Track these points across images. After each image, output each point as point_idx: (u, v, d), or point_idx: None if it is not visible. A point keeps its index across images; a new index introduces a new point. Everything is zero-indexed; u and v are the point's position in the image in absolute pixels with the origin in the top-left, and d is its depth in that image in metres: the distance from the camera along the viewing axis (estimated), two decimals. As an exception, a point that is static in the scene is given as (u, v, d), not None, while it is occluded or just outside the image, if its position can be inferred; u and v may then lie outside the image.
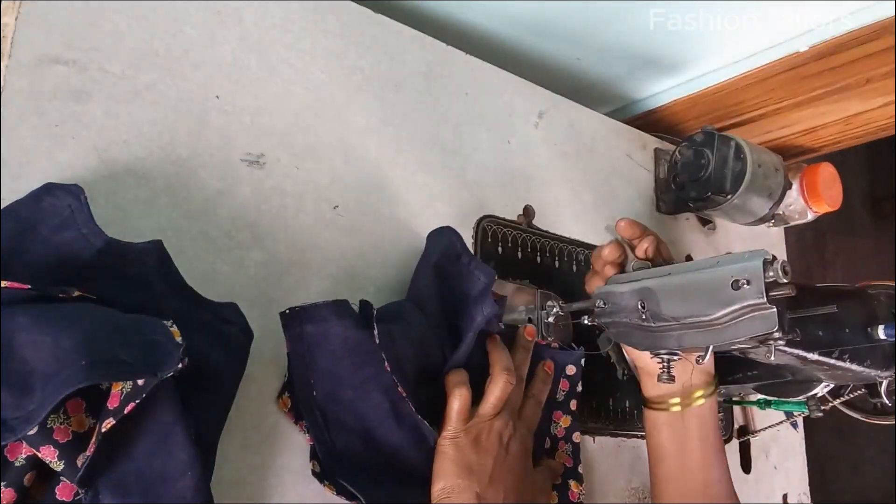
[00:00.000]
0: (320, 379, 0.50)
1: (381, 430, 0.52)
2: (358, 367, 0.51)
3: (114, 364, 0.33)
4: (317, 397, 0.51)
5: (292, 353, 0.49)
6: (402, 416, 0.52)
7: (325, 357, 0.50)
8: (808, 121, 0.90)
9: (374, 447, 0.52)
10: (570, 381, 0.64)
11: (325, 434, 0.51)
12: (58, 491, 0.36)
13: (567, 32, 0.77)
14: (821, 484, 1.90)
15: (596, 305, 0.59)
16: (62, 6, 0.45)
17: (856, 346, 0.56)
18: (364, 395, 0.51)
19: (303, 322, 0.49)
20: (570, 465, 0.62)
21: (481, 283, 0.57)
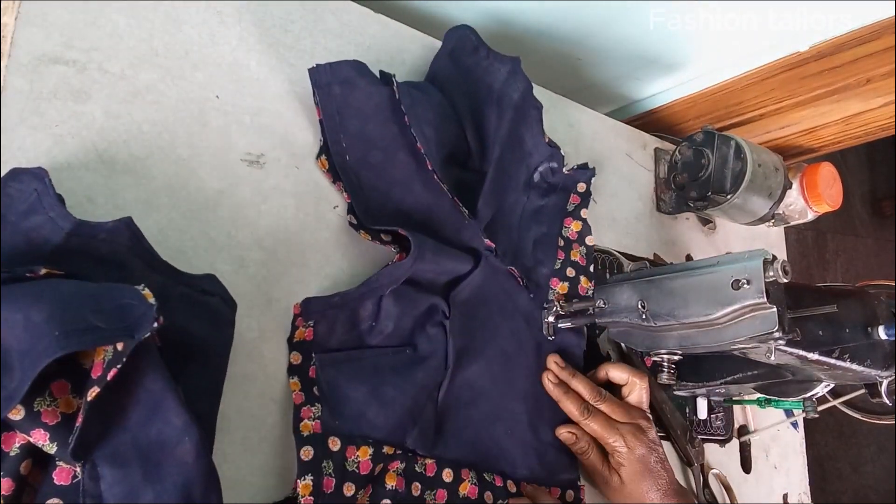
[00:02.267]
0: (351, 142, 0.54)
1: (411, 194, 0.56)
2: (383, 125, 0.54)
3: (88, 331, 0.33)
4: (350, 161, 0.54)
5: (325, 116, 0.53)
6: (429, 182, 0.55)
7: (353, 117, 0.53)
8: (808, 121, 0.90)
9: (406, 210, 0.55)
10: (580, 196, 0.70)
11: (362, 194, 0.54)
12: (55, 476, 0.36)
13: (567, 32, 0.77)
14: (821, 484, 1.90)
15: (596, 305, 0.59)
16: (62, 6, 0.45)
17: (856, 345, 0.56)
18: (392, 155, 0.55)
19: (331, 82, 0.52)
20: (583, 263, 0.68)
21: (503, 72, 0.62)
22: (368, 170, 0.54)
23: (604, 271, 0.73)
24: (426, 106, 0.56)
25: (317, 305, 0.50)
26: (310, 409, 0.48)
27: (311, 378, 0.49)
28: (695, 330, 0.52)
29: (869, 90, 0.80)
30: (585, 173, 0.70)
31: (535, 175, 0.67)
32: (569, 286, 0.66)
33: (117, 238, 0.40)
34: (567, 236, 0.68)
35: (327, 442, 0.47)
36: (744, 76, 0.80)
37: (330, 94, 0.53)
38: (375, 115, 0.54)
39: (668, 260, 0.80)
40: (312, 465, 0.45)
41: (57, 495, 0.36)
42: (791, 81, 0.80)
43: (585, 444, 0.60)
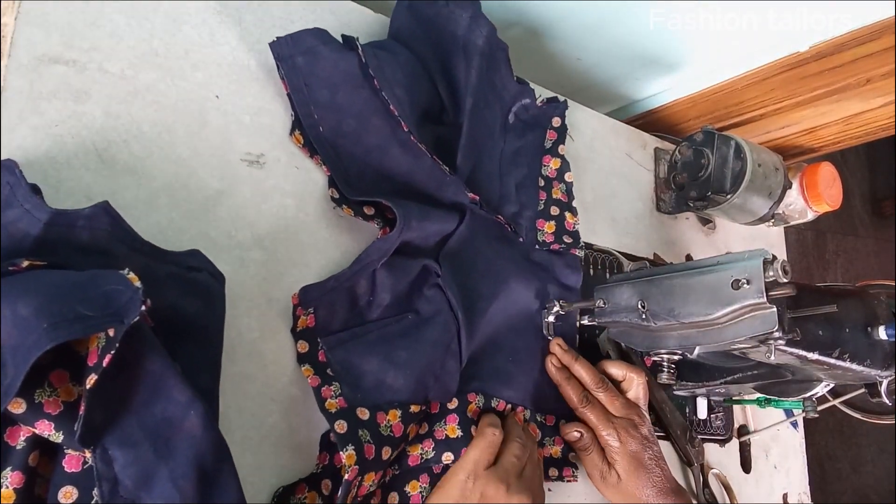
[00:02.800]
0: (323, 113, 0.53)
1: (389, 158, 0.55)
2: (353, 92, 0.53)
3: (77, 321, 0.33)
4: (324, 132, 0.54)
5: (292, 89, 0.52)
6: (406, 143, 0.55)
7: (321, 87, 0.52)
8: (808, 121, 0.90)
9: (386, 174, 0.55)
10: (556, 131, 0.70)
11: (340, 164, 0.54)
12: (66, 464, 0.36)
13: (567, 32, 0.77)
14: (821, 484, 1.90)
15: (596, 305, 0.59)
16: (62, 6, 0.45)
17: (856, 345, 0.56)
18: (365, 121, 0.54)
19: (294, 54, 0.51)
20: (565, 200, 0.69)
21: (465, 18, 0.61)
22: (343, 139, 0.54)
23: (604, 271, 0.73)
24: (394, 66, 0.56)
25: (313, 292, 0.51)
26: (329, 388, 0.49)
27: (322, 362, 0.50)
28: (695, 330, 0.52)
29: (869, 90, 0.80)
30: (558, 107, 0.70)
31: (511, 116, 0.68)
32: (555, 225, 0.67)
33: (96, 224, 0.40)
34: (546, 175, 0.69)
35: (356, 413, 0.48)
36: (744, 76, 0.80)
37: (294, 66, 0.52)
38: (344, 83, 0.53)
39: (668, 260, 0.80)
40: (350, 436, 0.46)
41: (70, 483, 0.36)
42: (791, 81, 0.80)
43: (589, 440, 0.60)
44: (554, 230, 0.67)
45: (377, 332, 0.53)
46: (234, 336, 0.48)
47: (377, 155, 0.55)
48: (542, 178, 0.68)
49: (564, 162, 0.70)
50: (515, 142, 0.68)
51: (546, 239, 0.66)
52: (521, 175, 0.67)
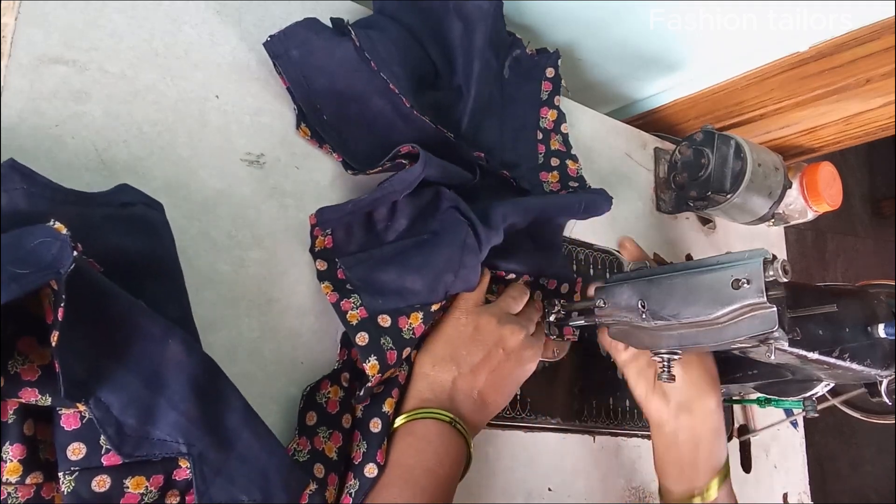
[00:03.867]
0: (324, 101, 0.54)
1: (395, 133, 0.55)
2: (351, 76, 0.54)
3: (11, 281, 0.32)
4: (328, 120, 0.55)
5: (291, 83, 0.53)
6: (409, 118, 0.55)
7: (319, 76, 0.53)
8: (808, 121, 0.90)
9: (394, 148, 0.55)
10: (551, 82, 0.71)
11: (348, 147, 0.55)
12: (64, 424, 0.36)
13: (567, 32, 0.77)
14: (821, 484, 1.90)
15: (596, 305, 0.59)
16: (62, 6, 0.45)
17: (856, 345, 0.56)
18: (367, 103, 0.55)
19: (288, 48, 0.52)
20: (564, 150, 0.69)
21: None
22: (348, 123, 0.55)
23: (604, 271, 0.73)
24: (387, 43, 0.56)
25: (331, 213, 0.52)
26: (348, 301, 0.50)
27: (341, 279, 0.52)
28: (695, 329, 0.52)
29: (869, 90, 0.80)
30: (550, 56, 0.71)
31: (505, 71, 0.68)
32: (559, 174, 0.67)
33: (9, 185, 0.38)
34: (544, 127, 0.69)
35: (377, 321, 0.50)
36: (744, 76, 0.80)
37: (290, 60, 0.53)
38: (341, 69, 0.54)
39: (668, 260, 0.80)
40: (372, 346, 0.48)
41: (74, 440, 0.36)
42: (791, 81, 0.80)
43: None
44: (559, 178, 0.67)
45: (393, 250, 0.54)
46: (235, 336, 0.48)
47: (383, 133, 0.56)
48: (540, 131, 0.69)
49: (561, 113, 0.70)
50: (512, 95, 0.68)
51: (553, 188, 0.67)
52: (519, 126, 0.68)
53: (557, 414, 0.66)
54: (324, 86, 0.54)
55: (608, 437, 0.69)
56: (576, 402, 0.68)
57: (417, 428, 0.49)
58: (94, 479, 0.36)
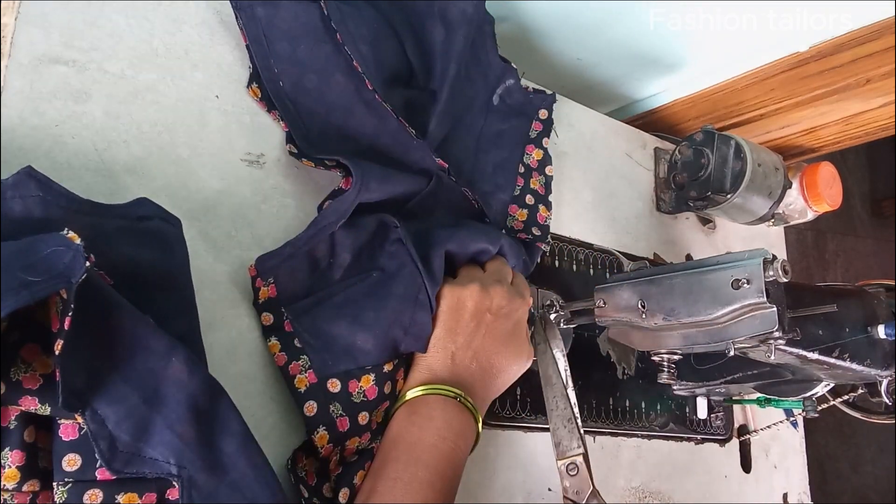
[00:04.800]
0: (284, 67, 0.51)
1: (353, 118, 0.53)
2: (315, 45, 0.51)
3: (22, 288, 0.32)
4: (284, 87, 0.51)
5: (250, 39, 0.50)
6: (371, 103, 0.52)
7: (281, 39, 0.51)
8: (808, 121, 0.90)
9: (349, 135, 0.53)
10: (542, 123, 0.69)
11: (300, 121, 0.52)
12: (62, 434, 0.36)
13: (567, 32, 0.77)
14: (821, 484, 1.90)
15: (596, 305, 0.59)
16: (62, 6, 0.45)
17: (856, 345, 0.56)
18: (327, 78, 0.52)
19: (253, 4, 0.50)
20: (542, 192, 0.67)
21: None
22: (305, 95, 0.52)
23: (604, 271, 0.73)
24: (358, 21, 0.54)
25: (270, 261, 0.49)
26: (297, 363, 0.47)
27: (289, 332, 0.49)
28: (695, 329, 0.52)
29: (869, 90, 0.80)
30: (546, 99, 0.69)
31: (495, 98, 0.67)
32: (527, 213, 0.65)
33: (25, 192, 0.38)
34: (528, 164, 0.67)
35: (327, 386, 0.47)
36: (744, 76, 0.80)
37: (253, 16, 0.50)
38: (305, 36, 0.52)
39: (668, 260, 0.80)
40: (321, 416, 0.46)
41: (70, 451, 0.36)
42: (791, 81, 0.80)
43: None
44: (525, 219, 0.65)
45: (342, 294, 0.51)
46: (235, 336, 0.48)
47: (340, 114, 0.53)
48: (522, 165, 0.67)
49: (547, 155, 0.69)
50: (498, 124, 0.66)
51: (515, 226, 0.64)
52: (501, 157, 0.66)
53: (557, 414, 0.65)
54: (285, 50, 0.51)
55: (608, 437, 0.69)
56: (576, 402, 0.67)
57: (419, 405, 0.48)
58: (86, 493, 0.36)
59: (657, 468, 0.72)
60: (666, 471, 0.72)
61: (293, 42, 0.51)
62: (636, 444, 0.71)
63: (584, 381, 0.69)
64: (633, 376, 0.72)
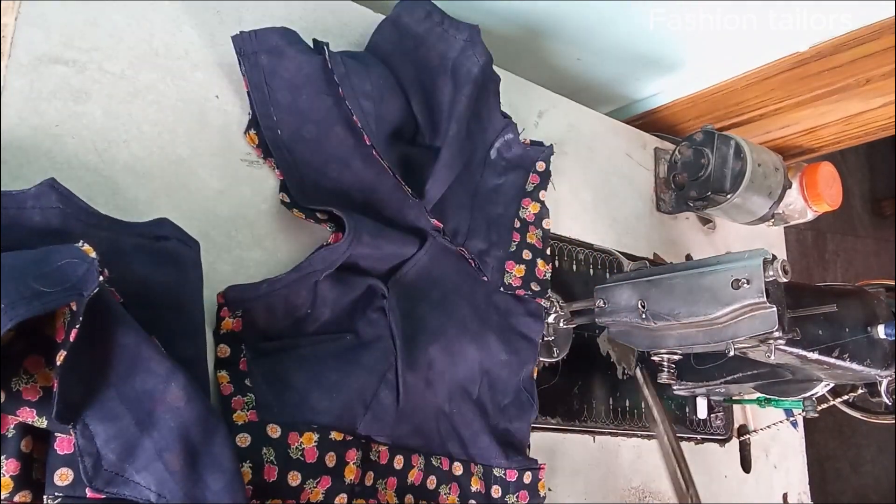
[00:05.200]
0: (283, 116, 0.51)
1: (350, 172, 0.53)
2: (316, 96, 0.51)
3: (34, 298, 0.32)
4: (282, 136, 0.51)
5: (252, 86, 0.50)
6: (369, 158, 0.52)
7: (283, 88, 0.51)
8: (808, 121, 0.90)
9: (344, 189, 0.53)
10: (539, 175, 0.68)
11: (295, 171, 0.51)
12: (57, 447, 0.36)
13: (567, 33, 0.77)
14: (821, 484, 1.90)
15: (596, 305, 0.59)
16: (62, 6, 0.45)
17: (855, 345, 0.56)
18: (327, 129, 0.52)
19: (258, 51, 0.50)
20: (540, 246, 0.66)
21: (459, 41, 0.58)
22: (302, 145, 0.52)
23: (604, 271, 0.73)
24: (363, 76, 0.53)
25: (243, 294, 0.47)
26: (241, 399, 0.45)
27: (242, 371, 0.46)
28: (695, 329, 0.52)
29: (869, 90, 0.80)
30: (543, 151, 0.68)
31: (493, 152, 0.65)
32: (525, 269, 0.63)
33: (46, 203, 0.39)
34: (524, 217, 0.66)
35: (266, 430, 0.44)
36: (744, 76, 0.80)
37: (256, 64, 0.50)
38: (307, 87, 0.51)
39: (668, 260, 0.80)
40: (251, 452, 0.43)
41: (63, 465, 0.36)
42: (791, 81, 0.80)
43: None
44: (523, 274, 0.63)
45: (311, 349, 0.49)
46: (235, 336, 0.48)
47: (337, 166, 0.53)
48: (518, 220, 0.65)
49: (544, 208, 0.67)
50: (494, 179, 0.65)
51: (513, 282, 0.62)
52: (496, 213, 0.64)
53: (557, 414, 0.66)
54: (286, 99, 0.51)
55: (608, 437, 0.69)
56: (576, 402, 0.68)
57: None
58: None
59: (657, 468, 0.72)
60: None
61: (295, 92, 0.51)
62: (636, 444, 0.71)
63: (584, 381, 0.69)
64: (633, 376, 0.72)
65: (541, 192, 0.67)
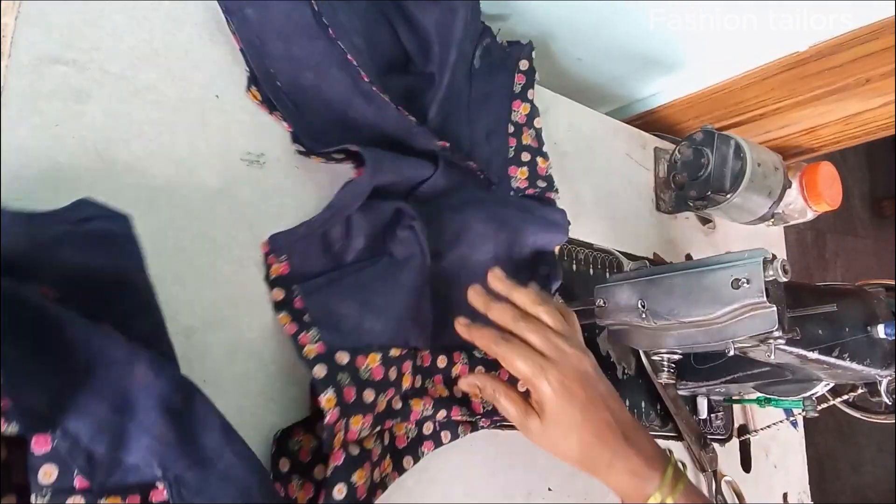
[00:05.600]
0: (279, 66, 0.52)
1: (353, 110, 0.53)
2: (309, 42, 0.51)
3: None
4: (282, 87, 0.52)
5: (244, 43, 0.50)
6: (369, 94, 0.53)
7: (274, 39, 0.51)
8: (808, 121, 0.90)
9: (351, 127, 0.53)
10: (525, 74, 0.68)
11: (301, 119, 0.53)
12: (34, 447, 0.35)
13: (568, 33, 0.77)
14: (821, 483, 1.90)
15: (596, 305, 0.59)
16: (62, 6, 0.45)
17: (855, 344, 0.56)
18: (324, 74, 0.52)
19: (242, 6, 0.50)
20: (536, 145, 0.67)
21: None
22: (303, 93, 0.53)
23: (604, 271, 0.73)
24: (349, 13, 0.54)
25: (285, 239, 0.50)
26: (307, 334, 0.48)
27: (299, 308, 0.49)
28: (695, 329, 0.52)
29: (869, 90, 0.80)
30: (524, 48, 0.69)
31: (476, 61, 0.66)
32: (528, 170, 0.66)
33: None
34: (516, 120, 0.67)
35: (335, 357, 0.47)
36: (744, 76, 0.80)
37: (245, 20, 0.50)
38: (298, 34, 0.52)
39: (667, 259, 0.80)
40: (330, 379, 0.46)
41: (45, 461, 0.35)
42: (791, 81, 0.80)
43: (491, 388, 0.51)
44: (527, 175, 0.65)
45: (353, 277, 0.52)
46: (235, 336, 0.48)
47: (340, 107, 0.54)
48: (511, 125, 0.67)
49: (534, 107, 0.68)
50: (483, 87, 0.66)
51: (520, 185, 0.65)
52: (491, 121, 0.66)
53: (557, 414, 0.65)
54: (279, 50, 0.51)
55: (608, 437, 0.69)
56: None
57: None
58: (67, 501, 0.35)
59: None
60: (666, 471, 0.72)
61: (286, 41, 0.51)
62: (636, 444, 0.71)
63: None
64: (633, 376, 0.72)
65: (528, 92, 0.68)
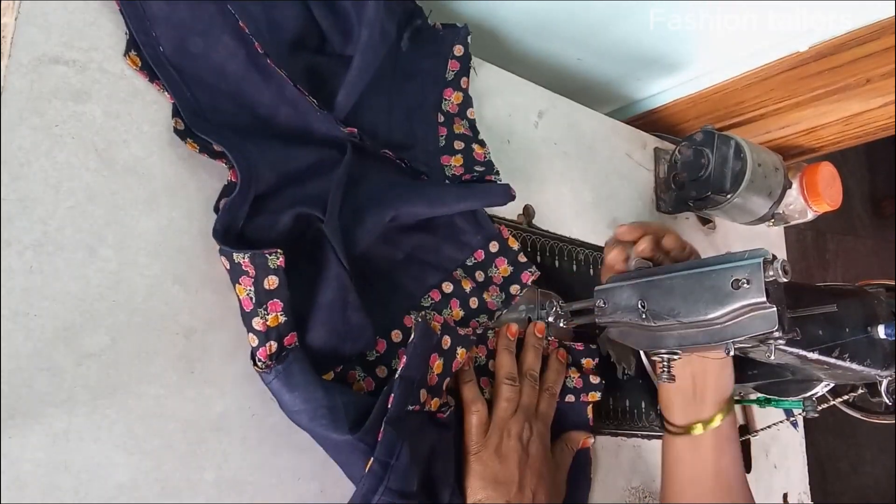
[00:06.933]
0: (162, 30, 0.46)
1: (248, 87, 0.49)
2: (196, 5, 0.47)
3: None
4: (165, 52, 0.47)
5: (122, 3, 0.46)
6: (267, 69, 0.48)
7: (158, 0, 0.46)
8: (808, 121, 0.90)
9: (245, 105, 0.49)
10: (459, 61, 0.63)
11: (186, 91, 0.47)
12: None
13: (567, 32, 0.77)
14: (821, 484, 1.90)
15: (596, 305, 0.59)
16: (62, 6, 0.45)
17: (856, 345, 0.56)
18: (214, 41, 0.47)
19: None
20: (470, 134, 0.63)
21: None
22: (190, 60, 0.47)
23: (604, 271, 0.73)
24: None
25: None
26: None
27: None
28: (695, 329, 0.52)
29: (869, 90, 0.80)
30: (459, 32, 0.63)
31: (403, 43, 0.60)
32: (463, 159, 0.61)
33: None
34: (447, 110, 0.62)
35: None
36: (744, 76, 0.80)
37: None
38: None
39: (667, 260, 0.80)
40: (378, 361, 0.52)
41: None
42: (791, 81, 0.80)
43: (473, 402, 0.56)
44: (462, 162, 0.61)
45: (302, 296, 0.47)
46: (234, 336, 0.48)
47: (233, 81, 0.48)
48: (441, 114, 0.62)
49: (467, 97, 0.63)
50: (409, 70, 0.61)
51: (455, 172, 0.60)
52: (415, 106, 0.60)
53: (557, 414, 0.65)
54: (163, 11, 0.46)
55: (608, 437, 0.69)
56: (576, 402, 0.67)
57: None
58: None
59: (657, 468, 0.72)
60: (666, 471, 0.72)
61: (171, 1, 0.47)
62: (636, 444, 0.71)
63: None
64: (633, 376, 0.72)
65: (462, 80, 0.63)
